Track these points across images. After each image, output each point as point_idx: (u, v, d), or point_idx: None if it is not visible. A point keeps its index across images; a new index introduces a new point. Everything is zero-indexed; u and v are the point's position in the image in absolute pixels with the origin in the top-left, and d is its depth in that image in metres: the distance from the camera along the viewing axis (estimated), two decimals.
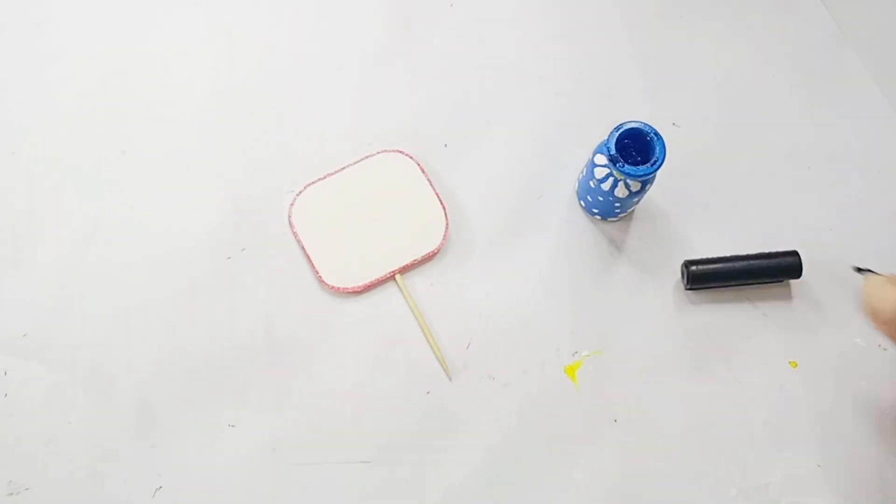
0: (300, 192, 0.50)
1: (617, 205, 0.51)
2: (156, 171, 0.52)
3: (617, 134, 0.47)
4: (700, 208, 0.54)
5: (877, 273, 0.47)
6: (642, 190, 0.49)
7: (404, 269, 0.50)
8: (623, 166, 0.47)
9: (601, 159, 0.49)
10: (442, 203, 0.51)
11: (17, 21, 0.54)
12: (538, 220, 0.53)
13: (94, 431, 0.40)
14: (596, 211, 0.53)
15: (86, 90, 0.53)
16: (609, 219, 0.53)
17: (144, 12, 0.55)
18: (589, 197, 0.52)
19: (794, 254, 0.51)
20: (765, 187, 0.55)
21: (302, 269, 0.51)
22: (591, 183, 0.50)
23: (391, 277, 0.50)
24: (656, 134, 0.47)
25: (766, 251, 0.52)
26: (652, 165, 0.47)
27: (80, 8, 0.54)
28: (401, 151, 0.51)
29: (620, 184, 0.49)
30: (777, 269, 0.51)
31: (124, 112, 0.53)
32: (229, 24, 0.55)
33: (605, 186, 0.49)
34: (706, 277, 0.51)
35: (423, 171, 0.51)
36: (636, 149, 0.49)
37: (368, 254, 0.50)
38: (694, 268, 0.51)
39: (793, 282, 0.52)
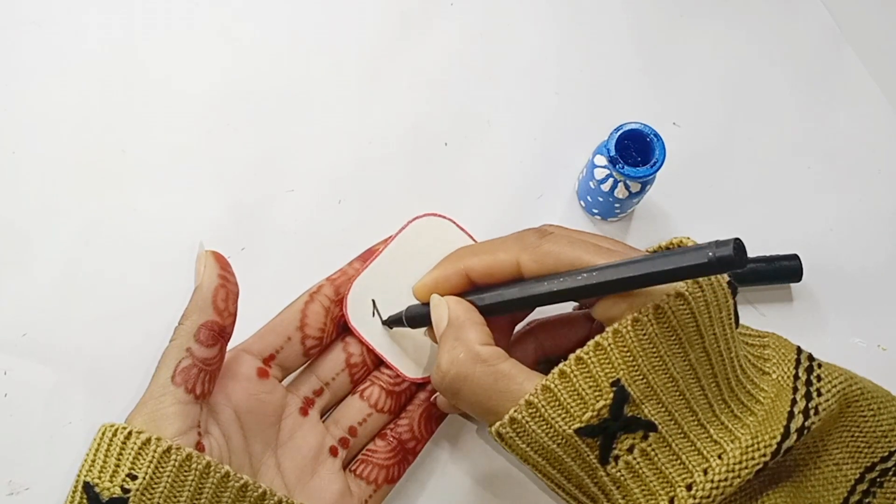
0: (349, 290, 0.46)
1: (617, 205, 0.51)
2: (156, 171, 0.52)
3: (617, 135, 0.48)
4: (700, 209, 0.54)
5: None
6: (642, 191, 0.49)
7: None
8: (623, 167, 0.47)
9: (601, 160, 0.49)
10: None
11: (17, 21, 0.54)
12: (538, 220, 0.53)
13: (94, 431, 0.40)
14: (596, 211, 0.53)
15: (86, 90, 0.53)
16: (609, 219, 0.53)
17: (144, 12, 0.55)
18: (589, 197, 0.52)
19: (795, 257, 0.51)
20: (765, 187, 0.55)
21: (303, 270, 0.50)
22: (591, 183, 0.50)
23: None
24: (656, 135, 0.47)
25: (767, 254, 0.52)
26: (651, 167, 0.47)
27: (80, 8, 0.54)
28: (433, 214, 0.48)
29: (620, 185, 0.49)
30: (777, 274, 0.51)
31: (124, 112, 0.53)
32: (229, 24, 0.55)
33: (605, 187, 0.49)
34: None
35: (460, 228, 0.48)
36: (636, 150, 0.49)
37: None
38: None
39: (793, 283, 0.52)
